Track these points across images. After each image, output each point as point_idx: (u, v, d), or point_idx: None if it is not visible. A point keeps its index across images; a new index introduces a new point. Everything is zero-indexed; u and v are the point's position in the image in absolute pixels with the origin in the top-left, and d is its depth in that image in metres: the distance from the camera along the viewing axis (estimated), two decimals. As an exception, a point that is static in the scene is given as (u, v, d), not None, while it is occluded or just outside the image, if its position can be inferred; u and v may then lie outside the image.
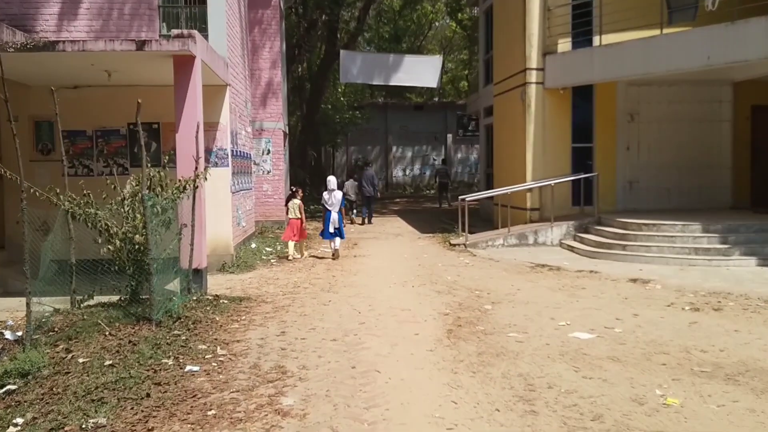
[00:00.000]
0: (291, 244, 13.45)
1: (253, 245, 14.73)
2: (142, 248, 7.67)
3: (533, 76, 15.55)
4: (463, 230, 15.38)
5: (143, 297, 7.91)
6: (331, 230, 13.32)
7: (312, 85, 30.80)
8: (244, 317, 8.08)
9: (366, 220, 21.32)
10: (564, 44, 15.50)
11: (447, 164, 33.25)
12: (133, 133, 12.29)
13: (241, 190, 13.86)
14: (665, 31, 13.13)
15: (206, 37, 11.86)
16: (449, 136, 40.70)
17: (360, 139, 38.71)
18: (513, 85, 16.46)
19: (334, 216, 13.36)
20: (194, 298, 8.86)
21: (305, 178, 28.82)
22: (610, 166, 15.71)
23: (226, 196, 12.22)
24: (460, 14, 41.57)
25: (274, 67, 19.06)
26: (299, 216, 13.44)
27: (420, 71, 22.07)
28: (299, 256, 13.65)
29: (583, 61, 14.71)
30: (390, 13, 42.28)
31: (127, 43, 9.16)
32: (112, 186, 8.20)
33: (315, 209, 24.35)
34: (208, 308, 8.39)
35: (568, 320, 7.76)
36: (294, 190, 14.39)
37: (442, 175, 28.41)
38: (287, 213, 13.90)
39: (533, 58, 15.53)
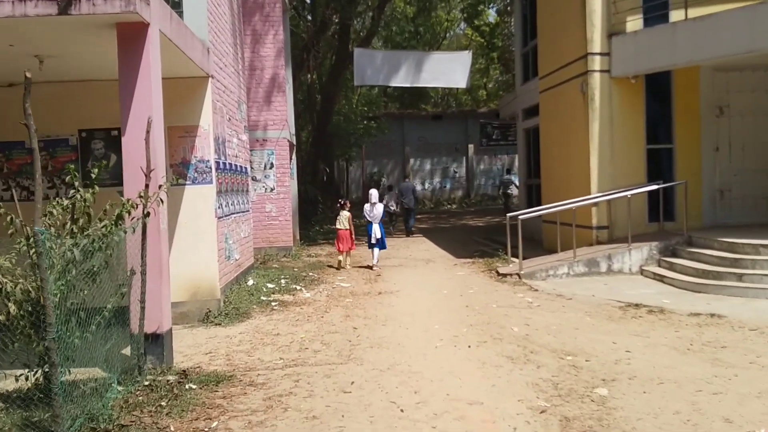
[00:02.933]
0: (342, 255, 13.90)
1: (251, 281, 11.70)
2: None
3: (596, 63, 12.47)
4: (514, 255, 12.31)
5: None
6: (373, 241, 13.72)
7: (323, 94, 27.88)
8: (215, 422, 5.02)
9: (407, 233, 20.74)
10: (633, 22, 12.43)
11: (512, 173, 28.14)
12: (88, 142, 9.35)
13: (233, 214, 10.85)
14: None
15: (181, 15, 8.92)
16: (471, 146, 37.68)
17: (375, 151, 35.79)
18: (568, 76, 13.39)
19: (376, 227, 13.71)
20: (146, 381, 5.83)
21: (317, 195, 25.85)
22: (694, 172, 12.57)
23: (209, 223, 9.21)
24: (476, 20, 38.76)
25: (278, 59, 16.07)
26: (348, 227, 13.89)
27: (447, 70, 19.06)
28: (347, 266, 13.93)
29: (662, 41, 11.62)
30: (403, 21, 39.45)
31: (45, 4, 6.19)
32: (9, 218, 5.19)
33: (327, 229, 21.40)
34: (162, 403, 5.34)
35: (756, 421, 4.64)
36: (342, 202, 14.62)
37: (506, 185, 24.86)
38: (336, 224, 14.31)
39: (596, 41, 12.46)
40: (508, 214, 12.55)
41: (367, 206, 14.00)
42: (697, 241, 11.27)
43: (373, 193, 14.30)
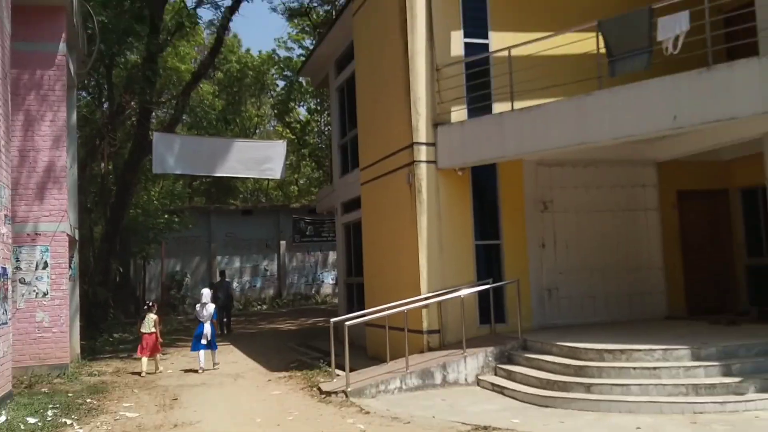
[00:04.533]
0: (144, 360, 13.00)
1: (2, 418, 8.86)
2: None
3: (423, 153, 11.66)
4: (338, 365, 10.69)
5: None
6: (204, 342, 13.22)
7: (118, 184, 24.98)
8: None
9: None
10: (458, 112, 11.88)
11: (226, 276, 24.42)
12: None
13: (-26, 328, 8.16)
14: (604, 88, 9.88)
15: None
16: (283, 242, 36.07)
17: (179, 248, 32.85)
18: (394, 167, 12.45)
19: (207, 327, 13.28)
20: None
21: (107, 299, 22.51)
22: (522, 270, 11.95)
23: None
24: (287, 117, 38.32)
25: (56, 146, 13.57)
26: (153, 330, 13.24)
27: (260, 160, 17.57)
28: (153, 370, 13.19)
29: (489, 132, 11.09)
30: (211, 115, 37.53)
31: None
32: None
33: (119, 338, 18.39)
34: None
35: None
36: (150, 304, 14.04)
37: (223, 292, 20.67)
38: (140, 327, 13.54)
39: (422, 130, 11.69)
40: (332, 320, 10.95)
41: (197, 306, 13.80)
42: (533, 346, 10.41)
43: (205, 292, 14.06)
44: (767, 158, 10.50)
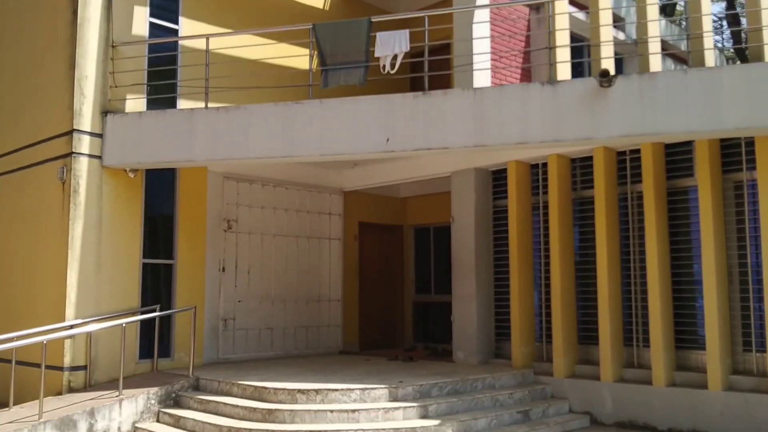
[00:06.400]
0: None
1: None
2: None
3: (85, 145, 9.28)
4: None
5: None
6: None
7: None
8: None
9: None
10: (135, 101, 9.83)
11: None
12: None
13: None
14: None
15: None
16: None
17: None
18: (41, 158, 9.74)
19: None
20: None
21: None
22: (197, 296, 10.24)
23: None
24: None
25: None
26: None
27: None
28: None
29: (175, 129, 9.26)
30: None
31: None
32: None
33: None
34: None
35: None
36: None
37: None
38: None
39: (86, 116, 9.32)
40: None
41: None
42: (208, 385, 8.78)
43: None
44: (455, 195, 10.70)
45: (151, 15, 10.23)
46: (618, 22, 13.06)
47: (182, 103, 10.17)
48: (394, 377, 8.65)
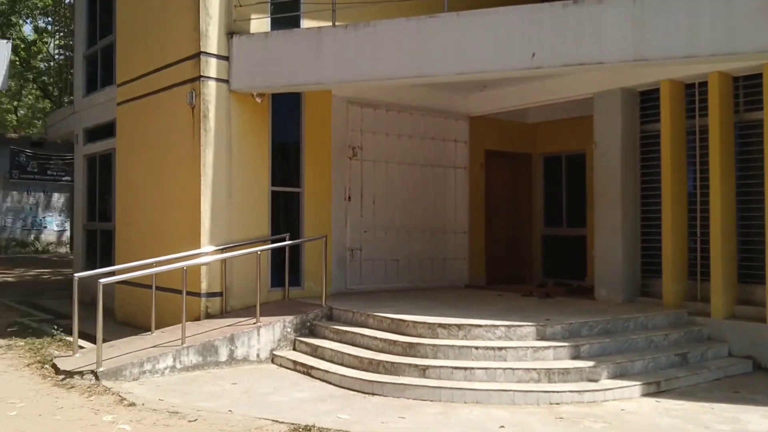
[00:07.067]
0: None
1: None
2: None
3: (212, 68, 9.02)
4: (82, 336, 7.88)
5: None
6: None
7: None
8: None
9: None
10: (259, 21, 9.44)
11: None
12: None
13: None
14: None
15: None
16: (-5, 178, 29.83)
17: None
18: (168, 83, 9.61)
19: None
20: None
21: None
22: (324, 226, 9.99)
23: None
24: (10, 34, 31.64)
25: None
26: None
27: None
28: None
29: (302, 50, 8.82)
30: None
31: None
32: None
33: None
34: None
35: None
36: None
37: None
38: None
39: (212, 38, 9.04)
40: (76, 274, 7.93)
41: None
42: (341, 316, 8.57)
43: None
44: (598, 118, 9.81)
45: None
46: None
47: (305, 23, 9.68)
48: (536, 314, 8.10)
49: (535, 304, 9.29)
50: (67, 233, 30.68)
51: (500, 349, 7.02)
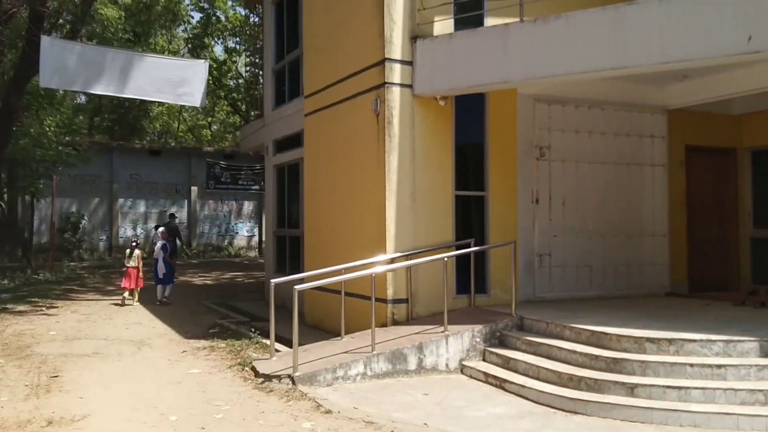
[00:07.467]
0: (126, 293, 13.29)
1: None
2: None
3: (396, 74, 9.02)
4: (278, 341, 8.14)
5: None
6: (160, 276, 13.63)
7: (2, 107, 20.86)
8: None
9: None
10: (443, 23, 9.29)
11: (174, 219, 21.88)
12: None
13: None
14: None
15: None
16: (194, 188, 32.55)
17: (74, 187, 28.79)
18: (353, 92, 9.76)
19: (161, 264, 13.59)
20: None
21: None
22: (510, 230, 9.62)
23: None
24: (202, 54, 34.36)
25: None
26: (137, 265, 13.48)
27: (174, 81, 14.33)
28: (132, 303, 13.49)
29: (488, 49, 8.54)
30: (113, 41, 32.24)
31: None
32: None
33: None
34: None
35: None
36: (136, 242, 14.10)
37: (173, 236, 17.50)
38: (127, 262, 13.61)
39: (396, 43, 9.04)
40: (272, 280, 8.22)
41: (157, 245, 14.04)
42: (533, 326, 8.15)
43: (159, 230, 14.74)
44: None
45: None
46: None
47: (488, 21, 9.39)
48: (755, 327, 7.18)
49: (750, 315, 8.30)
50: (256, 238, 32.80)
51: (719, 366, 6.28)
